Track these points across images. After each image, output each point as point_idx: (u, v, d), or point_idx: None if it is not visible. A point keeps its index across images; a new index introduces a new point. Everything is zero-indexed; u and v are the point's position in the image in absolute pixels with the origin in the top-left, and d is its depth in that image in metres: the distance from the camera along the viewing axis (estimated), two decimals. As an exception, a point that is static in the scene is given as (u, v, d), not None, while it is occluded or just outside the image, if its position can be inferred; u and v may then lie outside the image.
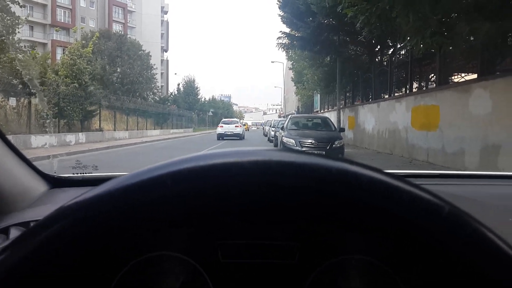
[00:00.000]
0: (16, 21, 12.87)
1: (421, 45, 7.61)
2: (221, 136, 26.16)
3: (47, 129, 17.23)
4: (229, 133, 26.25)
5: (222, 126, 27.16)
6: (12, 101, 16.11)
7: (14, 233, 0.86)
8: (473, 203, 1.00)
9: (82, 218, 0.41)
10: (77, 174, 1.37)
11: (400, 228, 0.42)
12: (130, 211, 0.41)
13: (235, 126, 27.05)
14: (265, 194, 0.42)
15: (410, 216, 0.41)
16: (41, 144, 15.65)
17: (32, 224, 0.89)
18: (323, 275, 0.67)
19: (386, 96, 15.44)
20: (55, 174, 1.27)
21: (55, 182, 1.24)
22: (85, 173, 1.39)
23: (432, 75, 12.30)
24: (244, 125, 33.97)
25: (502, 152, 7.46)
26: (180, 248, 0.67)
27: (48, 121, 17.21)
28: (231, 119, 33.60)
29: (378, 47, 18.32)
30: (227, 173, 0.42)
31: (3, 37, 12.72)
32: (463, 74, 10.52)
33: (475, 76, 9.03)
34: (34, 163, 1.18)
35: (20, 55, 13.51)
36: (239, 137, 26.28)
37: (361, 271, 0.66)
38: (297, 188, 0.42)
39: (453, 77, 11.08)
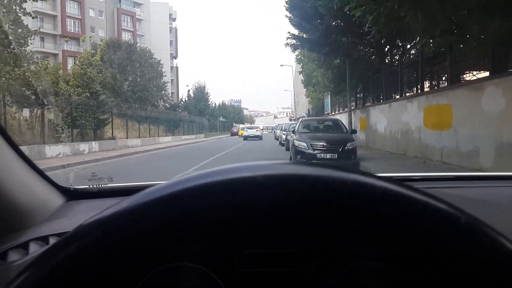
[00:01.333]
0: (28, 33, 13.06)
1: (431, 44, 7.54)
2: (246, 137, 36.24)
3: (61, 139, 17.45)
4: (251, 135, 36.58)
5: (247, 131, 38.69)
6: (26, 112, 16.34)
7: (33, 247, 0.87)
8: (489, 205, 0.99)
9: (100, 237, 0.42)
10: (93, 186, 1.37)
11: (417, 239, 0.42)
12: (147, 229, 0.42)
13: (256, 130, 38.38)
14: (279, 208, 0.42)
15: (425, 227, 0.41)
16: (55, 154, 15.84)
17: (50, 238, 0.91)
18: (340, 283, 0.67)
19: (397, 97, 15.33)
20: (71, 186, 1.28)
21: (72, 195, 1.25)
22: (101, 185, 1.39)
23: (443, 74, 12.19)
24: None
25: (518, 150, 7.36)
26: (197, 258, 0.67)
27: (61, 131, 17.44)
28: (252, 125, 51.08)
29: (388, 47, 18.23)
30: (242, 189, 0.42)
31: (16, 50, 12.94)
32: (474, 72, 10.41)
33: (487, 73, 8.92)
34: (50, 173, 1.18)
35: (32, 66, 13.69)
36: (259, 137, 36.17)
37: (379, 278, 0.66)
38: (311, 201, 0.42)
39: (464, 75, 10.97)
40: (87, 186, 1.35)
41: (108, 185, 1.41)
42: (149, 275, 0.65)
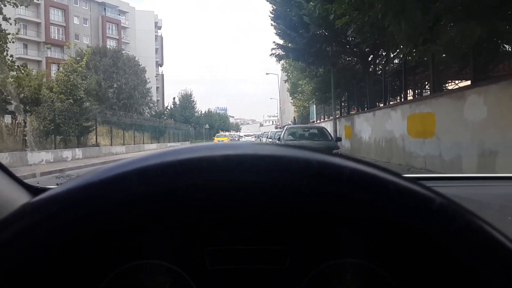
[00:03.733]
0: (5, 39, 12.75)
1: (414, 54, 7.65)
2: None
3: (43, 146, 17.20)
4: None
5: (244, 137, 46.01)
6: (7, 119, 16.08)
7: None
8: (471, 203, 0.97)
9: (38, 221, 0.38)
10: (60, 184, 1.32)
11: (389, 223, 0.39)
12: (92, 213, 0.38)
13: (251, 138, 46.21)
14: (239, 192, 0.39)
15: (398, 210, 0.38)
16: (37, 160, 15.59)
17: None
18: (316, 280, 0.64)
19: (382, 105, 15.50)
20: (38, 184, 1.22)
21: (38, 193, 1.20)
22: None
23: (426, 82, 12.37)
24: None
25: (499, 157, 7.47)
26: (165, 255, 0.63)
27: (44, 138, 17.21)
28: (250, 132, 55.88)
29: (371, 56, 18.46)
30: (195, 170, 0.38)
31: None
32: (457, 81, 10.59)
33: (468, 82, 9.08)
34: (33, 179, 1.14)
35: (14, 73, 13.43)
36: None
37: (357, 276, 0.64)
38: (274, 184, 0.39)
39: (447, 84, 11.15)
40: (55, 186, 1.29)
41: None
42: (112, 274, 0.61)
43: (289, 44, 18.76)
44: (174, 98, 65.99)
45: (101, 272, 0.61)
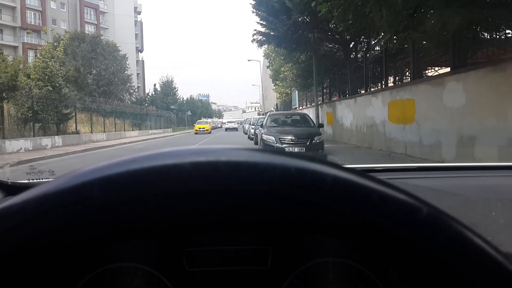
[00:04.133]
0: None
1: (395, 41, 7.71)
2: (226, 129, 49.42)
3: (21, 133, 16.85)
4: (230, 127, 49.10)
5: (227, 124, 54.51)
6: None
7: None
8: (453, 197, 0.96)
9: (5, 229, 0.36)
10: (32, 180, 1.26)
11: (373, 231, 0.37)
12: (51, 222, 0.36)
13: (234, 124, 51.95)
14: (211, 200, 0.36)
15: (382, 219, 0.36)
16: (16, 149, 15.29)
17: None
18: (298, 280, 0.63)
19: (363, 92, 15.61)
20: (8, 180, 1.18)
21: (9, 190, 1.14)
22: (42, 179, 1.28)
23: (407, 69, 12.50)
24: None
25: (478, 143, 7.63)
26: (141, 258, 0.62)
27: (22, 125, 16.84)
28: (233, 119, 67.64)
29: (352, 43, 18.51)
30: (164, 179, 0.36)
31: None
32: (436, 68, 10.72)
33: (448, 69, 9.21)
34: (11, 168, 1.11)
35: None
36: (236, 129, 47.15)
37: (339, 275, 0.63)
38: (250, 192, 0.36)
39: (427, 71, 11.28)
40: (26, 181, 1.24)
41: (49, 179, 1.28)
42: (88, 277, 0.60)
43: (271, 32, 18.64)
44: (155, 85, 65.27)
45: (76, 275, 0.60)
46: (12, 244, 0.36)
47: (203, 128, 42.12)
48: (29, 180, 1.26)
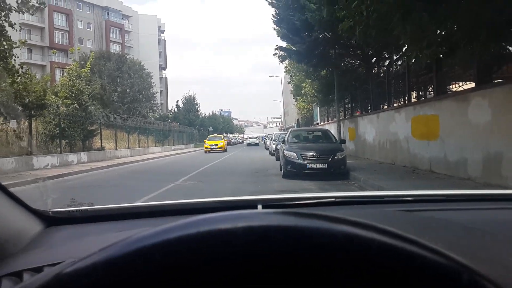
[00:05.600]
0: (11, 46, 12.88)
1: (420, 56, 7.65)
2: (248, 144, 54.85)
3: (49, 150, 17.26)
4: (252, 143, 54.77)
5: (248, 140, 60.46)
6: (13, 124, 16.17)
7: (5, 285, 0.80)
8: (487, 236, 0.93)
9: None
10: (72, 210, 1.29)
11: None
12: (118, 284, 0.38)
13: (256, 139, 57.19)
14: (265, 262, 0.38)
15: (424, 282, 0.37)
16: (43, 165, 15.67)
17: (24, 274, 0.84)
18: None
19: (385, 107, 15.50)
20: (49, 211, 1.22)
21: (51, 220, 1.18)
22: (81, 209, 1.31)
23: (430, 84, 12.37)
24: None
25: (505, 161, 7.46)
26: None
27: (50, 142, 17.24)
28: (254, 135, 71.81)
29: (374, 59, 18.45)
30: (216, 244, 0.38)
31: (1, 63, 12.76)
32: (460, 83, 10.58)
33: (472, 84, 9.07)
34: (38, 184, 1.12)
35: (19, 78, 13.54)
36: (257, 144, 51.30)
37: None
38: (300, 255, 0.37)
39: (451, 86, 11.14)
40: (67, 209, 1.28)
41: (89, 208, 1.33)
42: None
43: (292, 48, 18.78)
44: (177, 101, 66.17)
45: None
46: None
47: (215, 145, 33.45)
48: (70, 210, 1.29)
